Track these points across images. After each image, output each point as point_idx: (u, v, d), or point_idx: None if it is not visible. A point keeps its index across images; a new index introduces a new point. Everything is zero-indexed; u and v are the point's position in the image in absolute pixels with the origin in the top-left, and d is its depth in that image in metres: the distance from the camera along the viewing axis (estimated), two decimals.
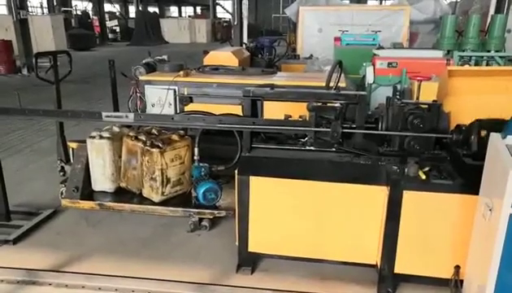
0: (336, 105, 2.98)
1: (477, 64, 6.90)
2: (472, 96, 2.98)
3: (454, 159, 2.84)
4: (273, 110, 3.34)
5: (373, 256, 2.97)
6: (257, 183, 2.96)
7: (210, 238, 3.66)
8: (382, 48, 6.40)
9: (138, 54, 8.22)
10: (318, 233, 3.00)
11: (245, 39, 10.91)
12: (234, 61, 5.33)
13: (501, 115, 2.57)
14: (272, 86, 3.20)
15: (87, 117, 3.31)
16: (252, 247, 3.12)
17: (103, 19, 29.73)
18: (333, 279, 3.11)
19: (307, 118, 3.03)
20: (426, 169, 2.75)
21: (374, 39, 7.55)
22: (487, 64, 6.96)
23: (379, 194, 2.81)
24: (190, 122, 3.28)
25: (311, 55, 7.89)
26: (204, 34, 31.44)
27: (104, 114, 3.15)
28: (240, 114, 3.30)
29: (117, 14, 35.00)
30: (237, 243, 3.15)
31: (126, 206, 3.64)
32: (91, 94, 10.19)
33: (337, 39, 7.86)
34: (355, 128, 2.98)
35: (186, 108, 4.26)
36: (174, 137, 3.63)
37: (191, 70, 4.86)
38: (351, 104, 2.99)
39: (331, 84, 3.50)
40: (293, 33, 12.04)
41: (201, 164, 3.58)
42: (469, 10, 11.00)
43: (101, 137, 3.66)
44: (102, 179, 3.75)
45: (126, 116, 3.17)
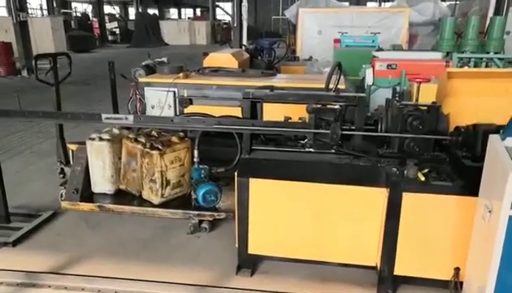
0: (336, 107, 2.99)
1: (476, 66, 6.89)
2: (471, 98, 2.99)
3: (454, 160, 2.84)
4: (273, 112, 3.33)
5: (373, 258, 2.97)
6: (256, 185, 2.96)
7: (210, 240, 3.66)
8: (381, 50, 6.41)
9: (138, 56, 8.25)
10: (317, 234, 3.00)
11: (245, 41, 10.92)
12: (234, 63, 5.33)
13: (501, 117, 2.57)
14: (272, 88, 3.21)
15: (86, 119, 3.31)
16: (252, 249, 3.12)
17: (103, 21, 29.77)
18: (333, 281, 3.11)
19: (307, 120, 3.03)
20: (425, 171, 2.75)
21: (373, 41, 7.57)
22: (486, 66, 6.95)
23: (378, 195, 2.82)
24: (190, 124, 3.28)
25: (311, 57, 7.88)
26: (204, 36, 31.47)
27: (104, 116, 3.15)
28: (239, 116, 3.30)
29: (117, 16, 35.09)
30: (237, 245, 3.15)
31: (126, 208, 3.64)
32: (91, 96, 10.19)
33: (337, 41, 7.88)
34: (354, 129, 2.99)
35: (186, 110, 4.27)
36: (174, 139, 3.63)
37: (191, 72, 4.85)
38: (350, 106, 3.00)
39: (330, 86, 3.51)
40: (293, 35, 12.08)
41: (200, 166, 3.58)
42: (468, 11, 11.00)
43: (100, 139, 3.66)
44: (102, 181, 3.74)
45: (126, 118, 3.17)
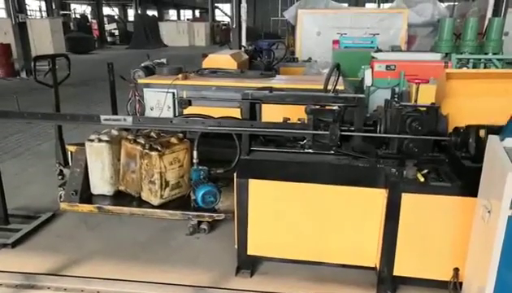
0: (335, 108, 2.99)
1: (475, 67, 6.93)
2: (470, 98, 2.99)
3: (453, 161, 2.84)
4: (272, 113, 3.34)
5: (372, 259, 2.97)
6: (256, 186, 2.96)
7: (209, 241, 3.66)
8: (380, 51, 6.43)
9: (137, 57, 8.24)
10: (317, 235, 3.00)
11: (244, 42, 10.94)
12: (233, 64, 5.34)
13: (500, 117, 2.57)
14: (271, 89, 3.21)
15: (85, 120, 3.31)
16: (251, 250, 3.12)
17: (102, 22, 29.78)
18: (332, 282, 3.11)
19: (306, 121, 3.03)
20: (424, 172, 2.75)
21: (372, 42, 7.61)
22: (485, 67, 6.99)
23: (377, 196, 2.82)
24: (189, 125, 3.28)
25: (310, 58, 7.89)
26: (203, 37, 31.51)
27: (103, 117, 3.14)
28: (238, 117, 3.30)
29: (116, 17, 35.10)
30: (236, 246, 3.14)
31: (125, 209, 3.63)
32: (90, 97, 10.19)
33: (336, 42, 7.91)
34: (353, 130, 2.99)
35: (185, 111, 4.28)
36: (173, 140, 3.62)
37: (190, 73, 4.86)
38: (349, 107, 3.00)
39: (329, 87, 3.51)
40: (292, 36, 12.10)
41: (200, 167, 3.58)
42: (467, 13, 11.03)
43: (99, 140, 3.65)
44: (101, 182, 3.73)
45: (125, 119, 3.16)
